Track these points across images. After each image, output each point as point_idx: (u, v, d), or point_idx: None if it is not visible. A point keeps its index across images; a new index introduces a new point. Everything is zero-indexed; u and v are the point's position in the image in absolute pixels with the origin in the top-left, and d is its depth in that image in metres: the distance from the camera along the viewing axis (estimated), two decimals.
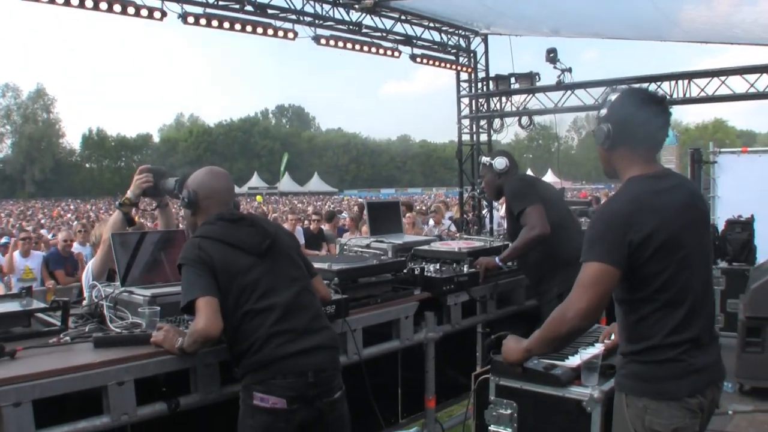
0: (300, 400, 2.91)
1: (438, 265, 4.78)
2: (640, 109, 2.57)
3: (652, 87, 9.67)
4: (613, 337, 3.29)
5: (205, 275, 2.90)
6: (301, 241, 10.58)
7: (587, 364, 2.91)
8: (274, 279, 3.03)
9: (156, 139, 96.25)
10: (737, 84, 10.24)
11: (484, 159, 5.03)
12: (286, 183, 69.26)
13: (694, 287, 2.53)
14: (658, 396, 2.48)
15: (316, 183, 77.75)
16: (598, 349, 3.21)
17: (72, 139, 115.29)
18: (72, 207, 44.17)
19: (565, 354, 3.14)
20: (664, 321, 2.49)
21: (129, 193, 3.99)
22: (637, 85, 2.85)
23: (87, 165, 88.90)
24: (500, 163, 4.88)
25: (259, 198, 37.25)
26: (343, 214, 16.86)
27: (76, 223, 17.92)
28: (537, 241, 4.55)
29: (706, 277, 2.65)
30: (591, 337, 3.39)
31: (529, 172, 28.28)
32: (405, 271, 4.48)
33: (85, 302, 3.61)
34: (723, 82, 10.35)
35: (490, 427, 3.07)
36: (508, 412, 3.01)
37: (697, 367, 2.49)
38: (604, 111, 2.66)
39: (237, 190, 4.34)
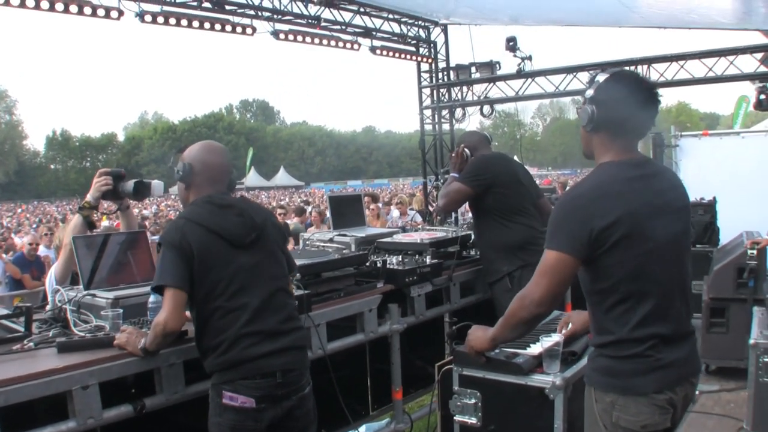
0: (268, 400, 2.92)
1: (400, 257, 4.83)
2: (628, 95, 2.46)
3: None
4: (570, 326, 3.32)
5: (180, 264, 2.86)
6: None
7: (548, 351, 2.95)
8: (251, 276, 2.99)
9: (121, 137, 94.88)
10: (696, 68, 10.39)
11: None
12: (252, 178, 68.80)
13: (663, 281, 2.45)
14: (624, 391, 2.42)
15: (282, 177, 77.18)
16: (558, 336, 3.25)
17: (35, 140, 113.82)
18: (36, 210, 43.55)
19: (527, 342, 3.18)
20: (628, 314, 2.42)
21: (89, 197, 3.95)
22: (628, 68, 2.75)
23: (52, 166, 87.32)
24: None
25: None
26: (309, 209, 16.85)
27: (41, 226, 17.72)
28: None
29: (679, 271, 2.52)
30: (552, 325, 3.41)
31: None
32: (367, 264, 4.52)
33: (48, 307, 3.59)
34: (682, 67, 10.47)
35: (455, 417, 3.11)
36: (473, 401, 3.06)
37: (664, 363, 2.41)
38: (590, 92, 2.53)
39: None
